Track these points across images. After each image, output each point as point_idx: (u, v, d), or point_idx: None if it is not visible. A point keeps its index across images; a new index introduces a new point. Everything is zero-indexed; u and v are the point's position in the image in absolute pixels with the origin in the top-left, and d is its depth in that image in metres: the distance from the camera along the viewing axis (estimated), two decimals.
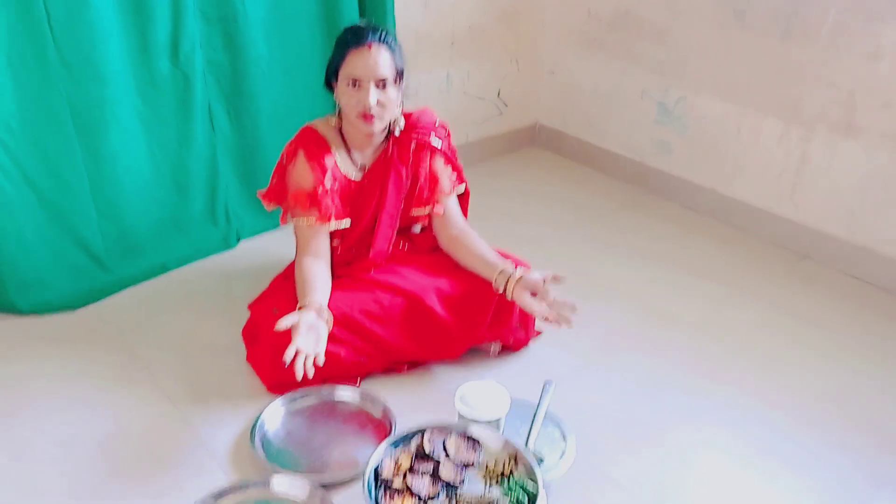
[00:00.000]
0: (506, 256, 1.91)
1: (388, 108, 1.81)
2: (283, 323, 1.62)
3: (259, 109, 2.44)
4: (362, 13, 2.56)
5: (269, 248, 2.48)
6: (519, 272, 1.80)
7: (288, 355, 1.56)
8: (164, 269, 2.34)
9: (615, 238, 2.63)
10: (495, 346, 1.98)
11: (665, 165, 2.89)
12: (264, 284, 2.08)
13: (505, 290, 1.81)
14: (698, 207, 2.81)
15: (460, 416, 1.63)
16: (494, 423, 1.62)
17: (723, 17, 2.54)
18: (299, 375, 1.57)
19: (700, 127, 2.74)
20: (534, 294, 1.78)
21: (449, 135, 2.01)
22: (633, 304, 2.25)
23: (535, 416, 1.70)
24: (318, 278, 1.80)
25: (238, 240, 2.52)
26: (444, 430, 1.58)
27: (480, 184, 2.93)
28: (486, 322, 1.88)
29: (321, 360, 1.60)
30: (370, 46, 1.75)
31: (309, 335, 1.64)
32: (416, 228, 2.07)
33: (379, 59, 1.75)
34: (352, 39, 1.76)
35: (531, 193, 2.95)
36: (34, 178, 2.05)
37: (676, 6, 2.66)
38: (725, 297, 2.30)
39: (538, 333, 2.05)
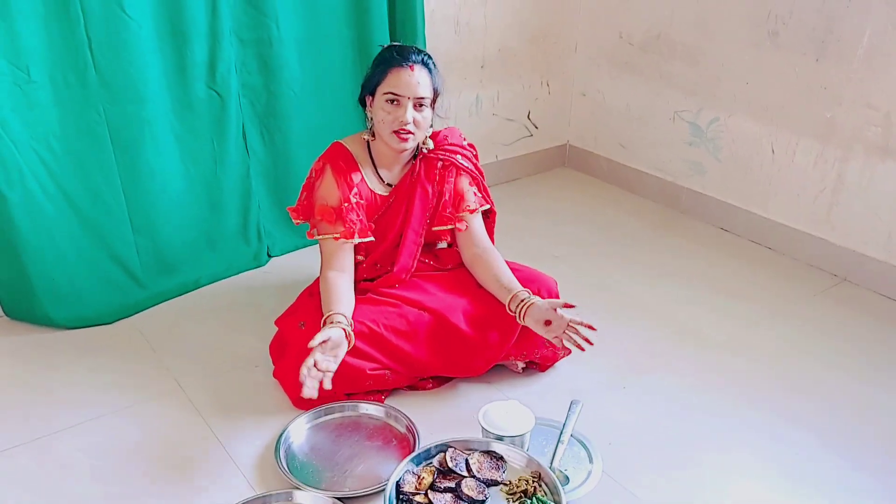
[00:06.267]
0: (529, 279, 1.90)
1: (422, 127, 1.84)
2: (314, 342, 1.63)
3: (291, 130, 2.48)
4: (393, 36, 2.61)
5: (299, 265, 2.50)
6: (531, 299, 1.79)
7: (303, 373, 1.59)
8: (196, 284, 2.38)
9: (646, 258, 2.60)
10: (522, 364, 1.97)
11: (698, 186, 2.86)
12: (293, 300, 2.09)
13: (518, 315, 1.80)
14: (732, 228, 2.77)
15: (485, 433, 1.61)
16: (519, 440, 1.60)
17: (756, 37, 2.52)
18: (306, 394, 1.60)
19: (734, 148, 2.71)
20: (548, 323, 1.76)
21: (476, 154, 2.03)
22: (663, 324, 2.22)
23: (560, 436, 1.68)
24: (343, 291, 1.82)
25: (269, 257, 2.55)
26: (468, 446, 1.57)
27: (510, 203, 2.95)
28: (511, 339, 1.87)
29: (328, 384, 1.63)
30: (413, 67, 1.79)
31: (329, 353, 1.66)
32: (442, 244, 2.07)
33: (420, 79, 1.79)
34: (396, 58, 1.80)
35: (561, 213, 2.94)
36: (73, 195, 2.11)
37: (709, 27, 2.66)
38: (758, 318, 2.25)
39: (567, 352, 2.03)
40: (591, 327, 1.74)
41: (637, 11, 2.87)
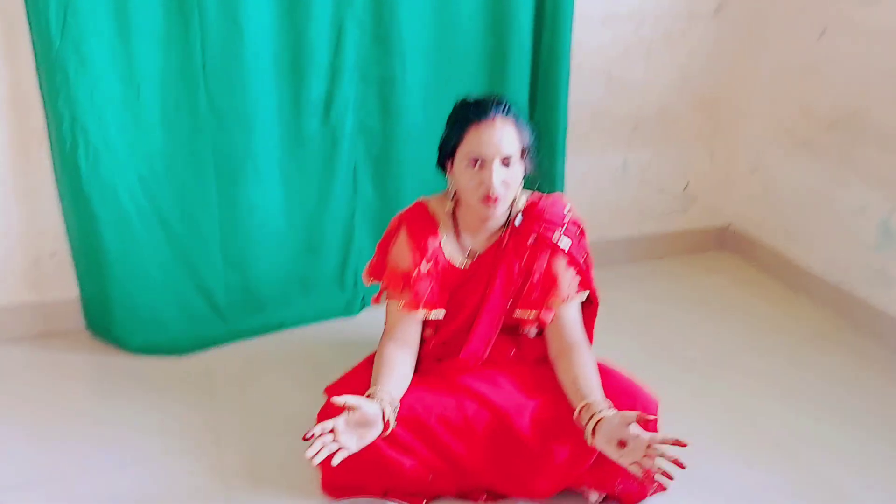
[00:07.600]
0: (624, 392, 1.57)
1: (512, 187, 1.61)
2: (343, 400, 1.41)
3: (405, 176, 2.31)
4: (534, 86, 2.38)
5: None
6: (605, 413, 1.46)
7: (315, 430, 1.37)
8: (280, 326, 2.26)
9: (800, 379, 2.10)
10: (596, 495, 1.61)
11: (880, 301, 2.32)
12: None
13: (588, 431, 1.47)
14: None
15: None
16: None
17: None
18: (309, 454, 1.36)
19: None
20: (622, 444, 1.42)
21: (582, 231, 1.73)
22: (806, 476, 1.73)
23: None
24: (397, 367, 1.60)
25: (362, 307, 2.38)
26: None
27: (645, 286, 2.60)
28: (586, 462, 1.53)
29: (335, 460, 1.38)
30: (494, 120, 1.56)
31: (355, 429, 1.42)
32: (532, 332, 1.77)
33: (504, 134, 1.57)
34: (473, 114, 1.59)
35: (706, 304, 2.51)
36: (167, 218, 2.07)
37: None
38: None
39: (661, 488, 1.63)
40: (679, 443, 1.37)
41: (828, 83, 2.41)
